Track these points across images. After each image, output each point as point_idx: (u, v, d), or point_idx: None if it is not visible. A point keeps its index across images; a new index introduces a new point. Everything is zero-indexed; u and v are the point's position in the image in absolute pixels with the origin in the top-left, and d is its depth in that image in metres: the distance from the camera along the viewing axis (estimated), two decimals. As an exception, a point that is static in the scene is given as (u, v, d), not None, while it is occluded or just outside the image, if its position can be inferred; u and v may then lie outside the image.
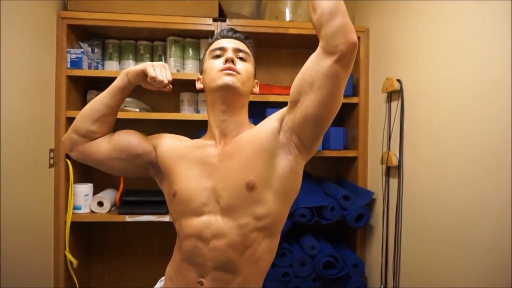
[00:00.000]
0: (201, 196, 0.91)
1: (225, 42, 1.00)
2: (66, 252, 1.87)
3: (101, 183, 2.16)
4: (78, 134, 1.01)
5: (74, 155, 1.04)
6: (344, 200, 1.88)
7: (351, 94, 2.02)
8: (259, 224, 0.89)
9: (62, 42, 1.87)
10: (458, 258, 1.29)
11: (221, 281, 0.89)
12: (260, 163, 0.89)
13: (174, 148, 1.00)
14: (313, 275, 1.87)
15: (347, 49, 0.76)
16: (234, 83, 0.93)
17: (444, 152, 1.37)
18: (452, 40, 1.34)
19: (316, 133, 0.88)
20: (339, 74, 0.79)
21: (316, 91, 0.81)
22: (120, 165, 1.02)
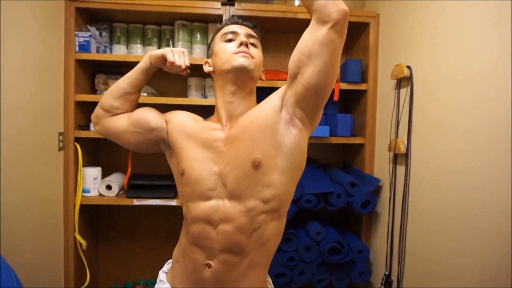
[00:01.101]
0: (208, 180, 0.92)
1: (236, 27, 1.03)
2: (76, 233, 1.90)
3: (110, 167, 2.18)
4: (102, 109, 1.11)
5: (97, 129, 1.13)
6: (350, 187, 1.89)
7: (360, 81, 2.00)
8: (266, 207, 0.90)
9: (70, 26, 1.86)
10: (463, 247, 1.29)
11: (228, 263, 0.91)
12: (265, 140, 0.90)
13: (184, 126, 1.01)
14: (318, 260, 1.89)
15: (340, 16, 0.82)
16: (249, 65, 0.95)
17: (452, 140, 1.37)
18: (463, 26, 1.32)
19: (318, 102, 0.90)
20: (335, 40, 0.84)
21: (315, 60, 0.85)
22: (135, 138, 1.07)
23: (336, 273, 1.92)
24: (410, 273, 1.63)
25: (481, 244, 1.21)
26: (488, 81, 1.19)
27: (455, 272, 1.33)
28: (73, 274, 1.91)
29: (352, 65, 1.99)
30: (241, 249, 0.90)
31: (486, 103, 1.20)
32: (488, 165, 1.18)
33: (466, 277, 1.28)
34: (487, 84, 1.20)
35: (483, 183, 1.21)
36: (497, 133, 1.15)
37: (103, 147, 2.24)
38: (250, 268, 0.92)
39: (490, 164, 1.17)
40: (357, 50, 2.18)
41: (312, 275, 1.90)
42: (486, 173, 1.19)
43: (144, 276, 2.31)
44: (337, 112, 2.11)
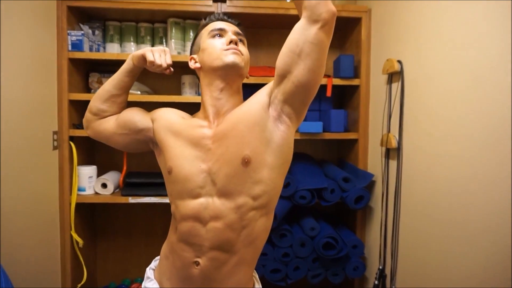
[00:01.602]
0: (197, 177, 0.92)
1: (223, 24, 1.02)
2: (72, 232, 1.92)
3: (105, 165, 2.20)
4: (91, 112, 1.12)
5: (89, 133, 1.14)
6: (344, 182, 1.90)
7: (352, 76, 2.00)
8: (256, 203, 0.91)
9: (63, 24, 1.87)
10: (454, 240, 1.30)
11: (217, 261, 0.91)
12: (254, 137, 0.91)
13: (171, 123, 1.01)
14: (313, 256, 1.90)
15: (329, 17, 0.85)
16: (240, 62, 0.96)
17: (442, 134, 1.37)
18: (454, 21, 1.32)
19: (306, 99, 0.93)
20: (324, 40, 0.87)
21: (305, 59, 0.87)
22: (123, 140, 1.08)
23: (331, 268, 1.93)
24: (403, 267, 1.64)
25: (472, 237, 1.22)
26: (478, 75, 1.20)
27: (447, 265, 1.34)
28: (70, 272, 1.93)
29: (345, 61, 1.99)
30: (231, 246, 0.91)
31: (476, 97, 1.20)
32: (478, 158, 1.19)
33: (457, 270, 1.29)
34: (476, 78, 1.20)
35: (473, 176, 1.21)
36: (487, 126, 1.15)
37: (99, 145, 2.24)
38: (238, 265, 0.93)
39: (480, 157, 1.18)
40: (350, 45, 2.18)
41: (307, 271, 1.92)
42: (475, 166, 1.20)
43: (141, 273, 2.32)
44: (330, 108, 2.11)
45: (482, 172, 1.17)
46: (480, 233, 1.18)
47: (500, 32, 1.10)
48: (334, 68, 2.12)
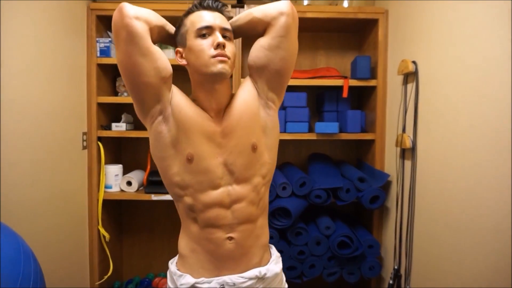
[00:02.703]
0: (217, 169, 0.99)
1: (209, 17, 0.97)
2: (99, 226, 2.04)
3: (130, 164, 2.32)
4: (139, 18, 0.94)
5: (127, 22, 0.92)
6: (359, 182, 1.91)
7: (369, 77, 2.02)
8: (264, 180, 1.06)
9: (92, 32, 2.00)
10: (467, 241, 1.30)
11: (246, 231, 1.03)
12: (256, 126, 1.03)
13: (188, 106, 0.99)
14: (328, 254, 1.93)
15: (282, 4, 0.99)
16: (227, 71, 0.95)
17: (457, 135, 1.37)
18: (468, 22, 1.32)
19: (283, 83, 1.06)
20: (290, 28, 0.99)
21: (277, 51, 1.00)
22: (142, 66, 0.93)
23: (346, 267, 1.95)
24: (417, 267, 1.64)
25: (485, 238, 1.22)
26: (492, 76, 1.19)
27: (460, 266, 1.34)
28: (97, 264, 2.05)
29: (361, 62, 2.01)
30: (254, 217, 1.05)
31: (490, 98, 1.20)
32: (492, 159, 1.19)
33: (470, 270, 1.29)
34: (490, 79, 1.20)
35: (488, 177, 1.21)
36: (502, 127, 1.14)
37: (125, 146, 2.37)
38: (261, 228, 1.08)
39: (495, 159, 1.18)
40: (367, 47, 2.19)
41: (322, 269, 1.95)
42: (490, 167, 1.20)
43: (164, 268, 2.42)
44: (348, 109, 2.14)
45: (495, 173, 1.17)
46: (493, 234, 1.18)
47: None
48: (352, 69, 2.14)
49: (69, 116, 1.84)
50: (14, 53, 1.42)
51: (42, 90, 1.60)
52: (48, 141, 1.66)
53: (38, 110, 1.58)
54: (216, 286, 1.00)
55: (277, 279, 1.09)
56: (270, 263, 1.08)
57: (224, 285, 1.00)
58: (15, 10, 1.42)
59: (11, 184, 1.40)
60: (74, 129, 1.90)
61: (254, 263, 1.04)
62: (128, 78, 0.96)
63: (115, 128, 2.08)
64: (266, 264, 1.08)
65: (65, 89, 1.80)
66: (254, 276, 1.02)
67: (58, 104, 1.73)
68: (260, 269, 1.03)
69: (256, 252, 1.05)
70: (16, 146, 1.44)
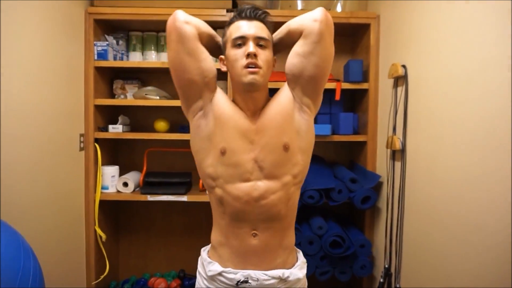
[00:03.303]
0: (247, 164, 1.04)
1: (245, 27, 1.04)
2: (96, 227, 2.07)
3: (127, 165, 2.35)
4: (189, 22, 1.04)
5: (178, 25, 1.03)
6: (351, 183, 1.96)
7: (361, 80, 2.06)
8: (295, 180, 1.08)
9: (89, 36, 2.04)
10: (456, 238, 1.34)
11: (271, 229, 1.07)
12: (289, 127, 1.07)
13: (227, 104, 1.08)
14: (320, 254, 1.97)
15: (320, 13, 1.02)
16: (257, 81, 1.01)
17: (444, 136, 1.42)
18: (457, 26, 1.36)
19: (318, 89, 1.09)
20: (324, 36, 1.02)
21: (312, 58, 1.03)
22: (189, 64, 1.04)
23: (338, 266, 1.99)
24: (407, 266, 1.68)
25: (473, 237, 1.26)
26: (478, 79, 1.24)
27: (448, 264, 1.38)
28: (94, 264, 2.09)
29: (354, 65, 2.05)
30: (281, 216, 1.08)
31: (476, 100, 1.24)
32: (479, 159, 1.23)
33: (459, 269, 1.33)
34: (477, 82, 1.25)
35: (474, 177, 1.25)
36: (488, 128, 1.19)
37: (121, 147, 2.41)
38: (287, 229, 1.11)
39: (481, 159, 1.22)
40: (360, 50, 2.24)
41: (315, 268, 1.98)
42: (477, 167, 1.24)
43: (161, 268, 2.46)
44: (340, 111, 2.18)
45: (483, 173, 1.21)
46: (482, 233, 1.21)
47: (499, 37, 1.14)
48: (344, 72, 2.18)
49: (67, 118, 1.88)
50: (12, 56, 1.46)
51: (40, 93, 1.64)
52: (46, 142, 1.69)
53: (36, 112, 1.61)
54: (241, 278, 1.05)
55: (299, 284, 1.12)
56: (295, 267, 1.11)
57: (249, 279, 1.05)
58: (13, 13, 1.46)
59: (9, 185, 1.43)
60: (72, 131, 1.94)
61: (277, 263, 1.08)
62: (175, 74, 1.06)
63: (112, 130, 2.12)
64: (291, 267, 1.11)
65: (62, 91, 1.83)
66: (277, 276, 1.05)
67: (55, 106, 1.77)
68: (284, 271, 1.07)
69: (280, 252, 1.08)
70: (15, 147, 1.47)
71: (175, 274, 2.40)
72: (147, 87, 2.15)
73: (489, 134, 1.18)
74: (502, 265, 1.10)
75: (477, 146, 1.23)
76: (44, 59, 1.67)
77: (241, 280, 1.05)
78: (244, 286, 1.05)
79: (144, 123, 2.39)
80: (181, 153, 2.37)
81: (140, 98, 2.12)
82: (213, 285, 1.09)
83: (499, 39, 1.13)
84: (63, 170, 1.84)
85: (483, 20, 1.21)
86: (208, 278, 1.10)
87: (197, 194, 2.11)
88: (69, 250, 1.92)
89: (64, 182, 1.86)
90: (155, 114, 2.35)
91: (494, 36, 1.16)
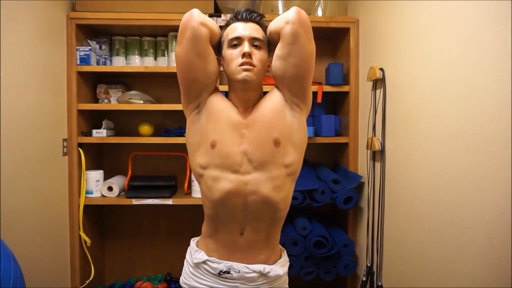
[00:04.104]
0: (236, 156, 1.07)
1: (241, 28, 1.08)
2: (80, 232, 2.07)
3: (111, 169, 2.35)
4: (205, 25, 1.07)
5: (194, 25, 1.05)
6: (333, 184, 2.00)
7: (342, 83, 2.11)
8: (288, 170, 1.10)
9: (72, 41, 2.04)
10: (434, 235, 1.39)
11: (257, 228, 1.10)
12: (280, 122, 1.09)
13: (219, 103, 1.12)
14: (305, 254, 2.00)
15: (293, 13, 1.02)
16: (251, 78, 1.06)
17: (420, 137, 1.46)
18: (432, 30, 1.40)
19: (304, 87, 1.10)
20: (300, 35, 1.02)
21: (290, 59, 1.05)
22: (200, 66, 1.08)
23: (323, 266, 2.03)
24: (388, 264, 1.72)
25: (446, 232, 1.31)
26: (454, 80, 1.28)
27: (427, 262, 1.42)
28: (78, 269, 2.08)
29: (334, 69, 2.10)
30: (269, 215, 1.10)
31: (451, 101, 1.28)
32: (455, 158, 1.26)
33: (432, 263, 1.37)
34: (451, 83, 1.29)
35: (449, 176, 1.29)
36: (464, 127, 1.22)
37: (106, 151, 2.40)
38: (273, 229, 1.14)
39: (458, 158, 1.25)
40: (340, 54, 2.29)
41: (300, 268, 2.01)
42: (451, 166, 1.28)
43: (147, 272, 2.46)
44: (323, 113, 2.22)
45: (459, 171, 1.24)
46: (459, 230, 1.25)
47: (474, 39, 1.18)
48: (326, 75, 2.23)
49: (49, 123, 1.87)
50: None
51: (22, 98, 1.64)
52: (29, 147, 1.69)
53: (18, 118, 1.61)
54: (224, 268, 1.10)
55: (279, 280, 1.16)
56: (276, 264, 1.15)
57: (231, 270, 1.09)
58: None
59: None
60: (55, 136, 1.93)
61: (260, 259, 1.12)
62: (180, 70, 1.10)
63: (95, 135, 2.11)
64: (273, 263, 1.14)
65: (45, 96, 1.83)
66: (258, 270, 1.09)
67: (38, 111, 1.76)
68: (265, 267, 1.10)
69: (264, 250, 1.12)
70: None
71: (161, 277, 2.40)
72: (131, 92, 2.16)
73: (464, 133, 1.21)
74: (480, 262, 1.14)
75: (453, 145, 1.27)
76: (26, 64, 1.67)
77: (224, 270, 1.10)
78: (226, 276, 1.10)
79: (128, 127, 2.39)
80: (165, 156, 2.38)
81: (124, 102, 2.12)
82: (197, 272, 1.14)
83: (474, 41, 1.17)
84: (46, 175, 1.84)
85: (459, 22, 1.25)
86: (193, 265, 1.15)
87: (182, 197, 2.12)
88: (53, 255, 1.91)
89: (47, 187, 1.85)
90: (139, 118, 2.36)
91: (469, 39, 1.20)
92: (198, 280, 1.14)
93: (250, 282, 1.10)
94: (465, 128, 1.20)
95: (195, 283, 1.14)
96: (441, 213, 1.32)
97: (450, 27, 1.29)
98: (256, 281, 1.10)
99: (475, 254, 1.15)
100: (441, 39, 1.33)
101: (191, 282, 1.15)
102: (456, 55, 1.25)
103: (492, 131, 1.09)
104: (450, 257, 1.27)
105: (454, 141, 1.26)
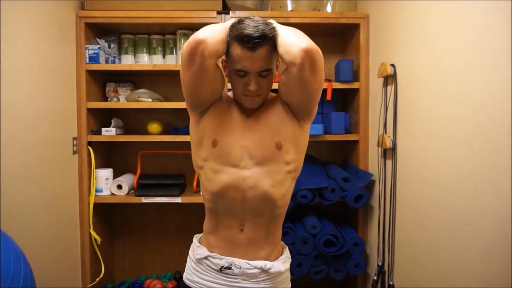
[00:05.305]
0: (237, 152, 1.07)
1: (248, 61, 0.99)
2: (91, 230, 2.08)
3: (120, 168, 2.36)
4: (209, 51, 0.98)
5: (198, 60, 0.98)
6: (343, 182, 1.97)
7: (352, 80, 2.08)
8: (288, 167, 1.10)
9: (81, 39, 2.04)
10: (445, 234, 1.36)
11: (257, 224, 1.10)
12: (284, 128, 1.09)
13: (223, 104, 1.13)
14: (315, 253, 1.98)
15: (304, 55, 0.94)
16: (256, 104, 1.09)
17: (433, 134, 1.43)
18: (444, 25, 1.37)
19: (310, 108, 1.09)
20: (307, 76, 0.97)
21: (295, 92, 1.04)
22: (204, 87, 1.06)
23: (332, 265, 2.01)
24: (400, 263, 1.70)
25: (463, 234, 1.28)
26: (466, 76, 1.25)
27: (440, 261, 1.40)
28: (89, 267, 2.09)
29: (344, 65, 2.07)
30: (268, 211, 1.09)
31: (464, 98, 1.26)
32: (469, 156, 1.24)
33: (445, 264, 1.35)
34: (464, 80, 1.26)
35: (464, 174, 1.26)
36: (478, 125, 1.19)
37: (115, 150, 2.41)
38: (273, 225, 1.13)
39: (471, 156, 1.23)
40: (350, 50, 2.26)
41: (309, 267, 2.00)
42: (465, 164, 1.25)
43: (156, 270, 2.47)
44: (332, 111, 2.20)
45: (473, 169, 1.22)
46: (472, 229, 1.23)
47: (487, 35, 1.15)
48: (335, 72, 2.20)
49: (59, 121, 1.88)
50: (4, 61, 1.46)
51: (32, 97, 1.65)
52: (39, 146, 1.70)
53: (28, 116, 1.62)
54: (225, 264, 1.10)
55: (281, 277, 1.15)
56: (278, 260, 1.14)
57: (232, 266, 1.09)
58: (4, 18, 1.46)
59: (2, 189, 1.44)
60: (64, 135, 1.94)
61: (261, 256, 1.11)
62: (188, 94, 1.08)
63: (105, 133, 2.12)
64: (274, 260, 1.14)
65: (55, 95, 1.84)
66: (260, 266, 1.09)
67: (48, 110, 1.77)
68: (266, 263, 1.10)
69: (265, 247, 1.12)
70: (8, 151, 1.48)
71: (170, 275, 2.41)
72: (140, 90, 2.16)
73: (478, 130, 1.19)
74: (493, 262, 1.12)
75: (467, 142, 1.24)
76: (36, 63, 1.68)
77: (225, 266, 1.10)
78: (227, 272, 1.09)
79: (137, 126, 2.39)
80: (174, 155, 2.38)
81: (133, 101, 2.12)
82: (199, 267, 1.14)
83: (487, 37, 1.14)
84: (56, 173, 1.85)
85: (471, 18, 1.22)
86: (196, 260, 1.16)
87: (191, 196, 2.12)
88: (64, 253, 1.92)
89: (57, 186, 1.86)
90: (148, 116, 2.36)
91: (482, 34, 1.17)
92: (201, 276, 1.14)
93: (252, 278, 1.10)
94: (478, 125, 1.18)
95: (197, 279, 1.14)
96: (455, 212, 1.29)
97: (462, 22, 1.26)
98: (258, 277, 1.10)
99: (492, 255, 1.12)
100: (454, 34, 1.30)
101: (194, 278, 1.15)
102: (470, 51, 1.22)
103: (507, 128, 1.06)
104: (464, 257, 1.24)
105: (468, 139, 1.23)
